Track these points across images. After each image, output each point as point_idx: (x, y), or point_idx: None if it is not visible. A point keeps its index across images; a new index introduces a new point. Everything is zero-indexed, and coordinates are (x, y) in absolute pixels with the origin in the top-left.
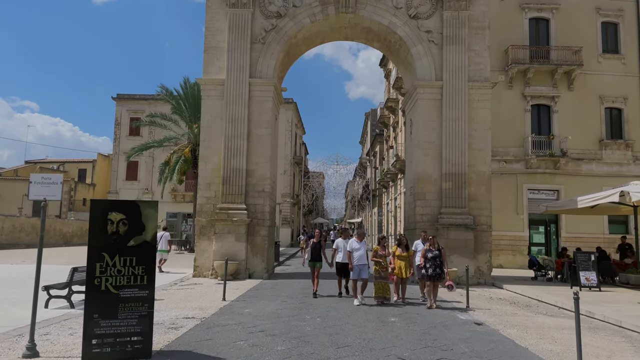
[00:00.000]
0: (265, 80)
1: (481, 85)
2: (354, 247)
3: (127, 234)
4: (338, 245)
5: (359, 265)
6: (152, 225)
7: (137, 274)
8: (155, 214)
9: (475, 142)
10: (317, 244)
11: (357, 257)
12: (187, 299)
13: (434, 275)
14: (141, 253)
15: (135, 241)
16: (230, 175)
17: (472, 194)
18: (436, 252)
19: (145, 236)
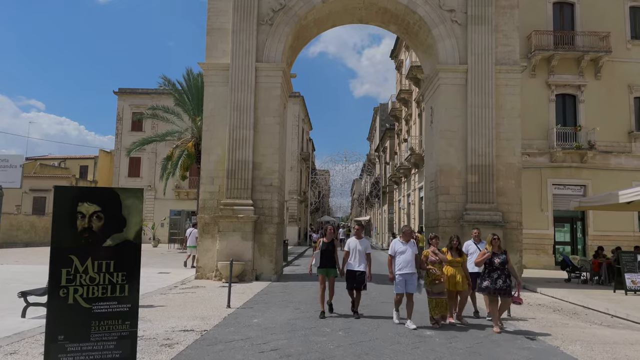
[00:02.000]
0: (273, 64)
1: (510, 69)
2: (398, 249)
3: (103, 231)
4: (350, 246)
5: (405, 275)
6: (135, 218)
7: (116, 283)
8: (140, 205)
9: (504, 131)
10: (330, 245)
11: (403, 264)
12: (187, 305)
13: (504, 289)
14: (121, 255)
15: (113, 240)
16: (235, 168)
17: (500, 188)
18: (503, 257)
19: (126, 233)
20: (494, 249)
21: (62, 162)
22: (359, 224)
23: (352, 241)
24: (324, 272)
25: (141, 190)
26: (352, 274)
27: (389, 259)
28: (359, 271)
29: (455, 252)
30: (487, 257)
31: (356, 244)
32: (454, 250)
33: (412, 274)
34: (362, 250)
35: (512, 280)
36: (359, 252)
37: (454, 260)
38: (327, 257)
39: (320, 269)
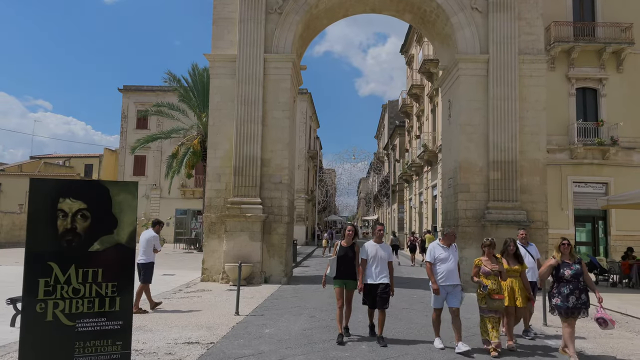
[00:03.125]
0: (282, 55)
1: (534, 58)
2: (439, 255)
3: (90, 233)
4: (368, 253)
5: (448, 287)
6: (128, 217)
7: (105, 295)
8: (134, 201)
9: (528, 125)
10: (349, 249)
11: (446, 274)
12: (192, 311)
13: (578, 307)
14: (111, 262)
15: (102, 244)
16: (242, 164)
17: (524, 185)
18: (577, 268)
19: (118, 235)
20: (563, 257)
21: (66, 161)
22: (381, 224)
23: (371, 246)
24: (341, 284)
25: (135, 184)
26: (372, 288)
27: (427, 267)
28: (382, 284)
29: (513, 259)
30: (552, 267)
31: (376, 249)
32: (511, 256)
33: (456, 285)
34: (384, 257)
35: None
36: (381, 260)
37: (511, 269)
38: (346, 265)
39: (337, 280)
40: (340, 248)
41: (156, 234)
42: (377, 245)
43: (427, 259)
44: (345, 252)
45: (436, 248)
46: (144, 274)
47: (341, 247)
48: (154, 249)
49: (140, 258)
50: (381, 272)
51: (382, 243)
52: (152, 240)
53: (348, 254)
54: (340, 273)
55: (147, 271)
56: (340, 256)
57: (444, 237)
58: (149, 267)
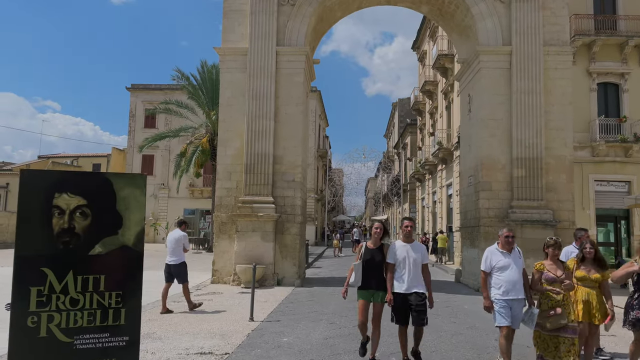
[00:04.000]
0: (295, 48)
1: (559, 50)
2: (497, 262)
3: (90, 234)
4: (397, 255)
5: (511, 302)
6: (136, 215)
7: (109, 307)
8: (142, 196)
9: (553, 120)
10: (377, 253)
11: (508, 285)
12: (204, 317)
13: None
14: (116, 267)
15: (104, 246)
16: (254, 162)
17: (549, 183)
18: None
19: (123, 237)
20: None
21: (74, 160)
22: (410, 219)
23: (400, 247)
24: (368, 296)
25: (143, 177)
26: (403, 299)
27: (482, 278)
28: (416, 294)
29: (593, 265)
30: (632, 272)
31: (406, 250)
32: (589, 261)
33: (520, 300)
34: (417, 260)
35: None
36: (413, 264)
37: (588, 277)
38: (373, 272)
39: (361, 291)
40: (365, 250)
41: (185, 233)
42: (406, 245)
43: (482, 267)
44: (372, 255)
45: (493, 254)
46: (179, 275)
47: (367, 249)
48: (183, 248)
49: (170, 259)
50: (414, 279)
51: (414, 242)
52: (182, 240)
53: (375, 257)
54: (366, 282)
55: (182, 271)
56: (366, 260)
57: (503, 240)
58: (182, 267)
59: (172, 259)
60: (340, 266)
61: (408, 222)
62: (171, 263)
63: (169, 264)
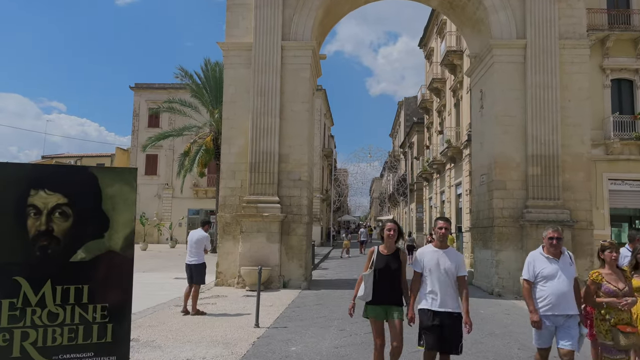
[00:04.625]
0: (301, 42)
1: (576, 43)
2: (542, 269)
3: (72, 237)
4: (424, 263)
5: (557, 318)
6: (125, 216)
7: (93, 322)
8: (132, 193)
9: (570, 116)
10: (393, 259)
11: (553, 298)
12: (207, 322)
13: None
14: (101, 276)
15: (88, 251)
16: (259, 160)
17: (566, 181)
18: None
19: (110, 240)
20: None
21: (78, 160)
22: (445, 220)
23: (430, 253)
24: (381, 312)
25: (133, 171)
26: (432, 318)
27: (525, 288)
28: (450, 314)
29: None
30: None
31: (437, 258)
32: None
33: (570, 316)
34: (451, 270)
35: None
36: (446, 275)
37: None
38: (387, 283)
39: (373, 307)
40: (377, 257)
41: (207, 234)
42: (438, 251)
43: (524, 275)
44: (386, 262)
45: (537, 259)
46: (197, 276)
47: (379, 255)
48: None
49: (191, 259)
50: (447, 295)
51: (448, 249)
52: (203, 241)
53: (390, 265)
54: (378, 295)
55: (200, 272)
56: (378, 269)
57: (549, 243)
58: (201, 268)
59: (192, 259)
60: (347, 267)
61: (443, 222)
62: (191, 263)
63: (189, 264)
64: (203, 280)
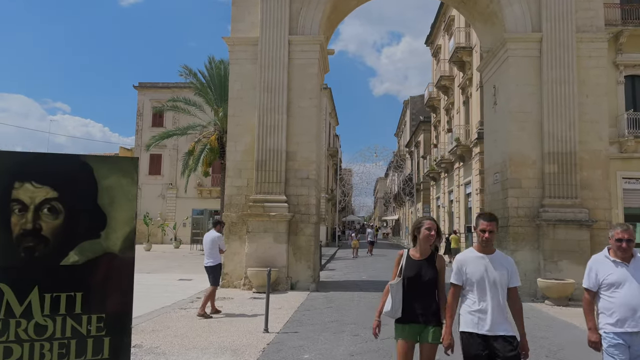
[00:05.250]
0: (309, 37)
1: (593, 37)
2: (607, 277)
3: (63, 237)
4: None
5: (630, 336)
6: (125, 212)
7: (87, 335)
8: (133, 186)
9: (587, 112)
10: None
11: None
12: (213, 327)
13: None
14: (97, 282)
15: (81, 253)
16: (266, 158)
17: (584, 179)
18: None
19: (107, 240)
20: None
21: None
22: (491, 218)
23: (474, 259)
24: (412, 333)
25: (134, 161)
26: (481, 345)
27: (585, 299)
28: (506, 339)
29: None
30: None
31: (485, 266)
32: None
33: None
34: (501, 281)
35: None
36: (496, 287)
37: None
38: (420, 296)
39: (402, 326)
40: (407, 262)
41: (220, 234)
42: (484, 258)
43: (585, 284)
44: (419, 270)
45: (601, 264)
46: (213, 277)
47: (410, 260)
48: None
49: (207, 261)
50: (499, 313)
51: (495, 253)
52: (217, 241)
53: (424, 273)
54: (410, 312)
55: (216, 273)
56: (409, 278)
57: (615, 245)
58: (217, 269)
59: (208, 260)
60: (355, 268)
61: (487, 223)
62: (207, 265)
63: (206, 266)
64: (218, 282)
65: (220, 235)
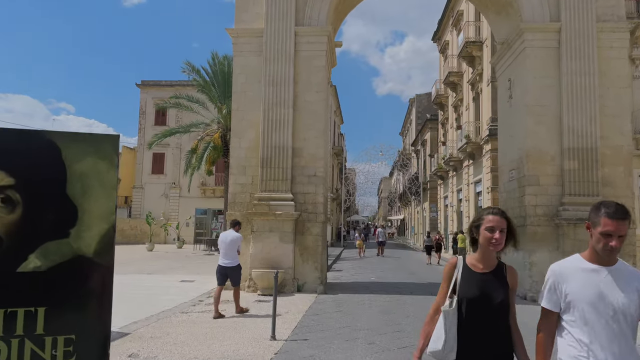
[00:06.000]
0: (316, 28)
1: (614, 27)
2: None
3: (20, 236)
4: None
5: None
6: (101, 205)
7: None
8: (111, 174)
9: (609, 106)
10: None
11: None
12: (215, 333)
13: None
14: (65, 294)
15: (45, 257)
16: (271, 154)
17: (605, 176)
18: None
19: (78, 240)
20: None
21: None
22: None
23: (580, 274)
24: None
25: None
26: None
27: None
28: None
29: None
30: None
31: (600, 285)
32: None
33: None
34: (628, 308)
35: None
36: (619, 317)
37: None
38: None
39: None
40: (465, 276)
41: (239, 234)
42: (600, 271)
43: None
44: (483, 288)
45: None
46: (234, 278)
47: (468, 272)
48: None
49: (225, 262)
50: (620, 353)
51: (618, 263)
52: (237, 241)
53: (493, 294)
54: (469, 352)
55: (237, 274)
56: (470, 300)
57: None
58: (237, 270)
59: (226, 261)
60: (362, 269)
61: (616, 223)
62: (227, 265)
63: (224, 266)
64: (239, 282)
65: (240, 236)
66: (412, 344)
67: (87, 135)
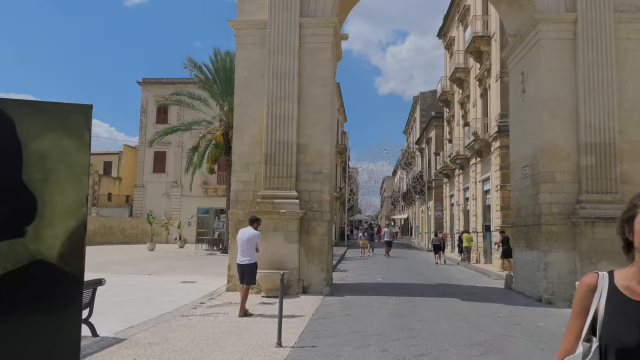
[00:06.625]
0: (321, 19)
1: (632, 17)
2: None
3: None
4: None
5: None
6: (68, 195)
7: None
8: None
9: (627, 99)
10: None
11: None
12: (218, 338)
13: None
14: (18, 312)
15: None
16: (275, 151)
17: (624, 172)
18: None
19: (37, 241)
20: None
21: None
22: None
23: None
24: None
25: (85, 109)
26: None
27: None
28: None
29: None
30: None
31: None
32: None
33: None
34: None
35: None
36: None
37: None
38: None
39: None
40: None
41: (258, 232)
42: None
43: None
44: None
45: None
46: (247, 276)
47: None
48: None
49: (243, 259)
50: None
51: None
52: (255, 239)
53: None
54: None
55: (252, 272)
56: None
57: None
58: (253, 268)
59: (244, 258)
60: (367, 269)
61: None
62: (244, 263)
63: (242, 264)
64: (254, 281)
65: (259, 234)
66: (429, 352)
67: (50, 104)
